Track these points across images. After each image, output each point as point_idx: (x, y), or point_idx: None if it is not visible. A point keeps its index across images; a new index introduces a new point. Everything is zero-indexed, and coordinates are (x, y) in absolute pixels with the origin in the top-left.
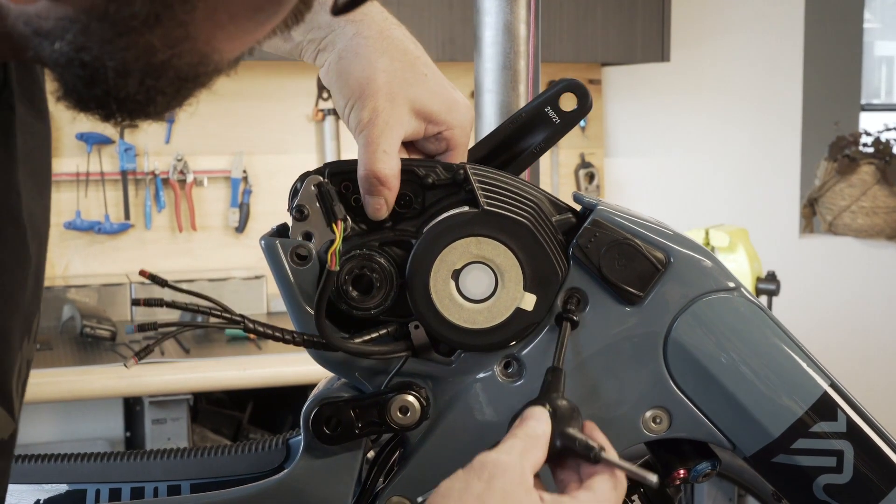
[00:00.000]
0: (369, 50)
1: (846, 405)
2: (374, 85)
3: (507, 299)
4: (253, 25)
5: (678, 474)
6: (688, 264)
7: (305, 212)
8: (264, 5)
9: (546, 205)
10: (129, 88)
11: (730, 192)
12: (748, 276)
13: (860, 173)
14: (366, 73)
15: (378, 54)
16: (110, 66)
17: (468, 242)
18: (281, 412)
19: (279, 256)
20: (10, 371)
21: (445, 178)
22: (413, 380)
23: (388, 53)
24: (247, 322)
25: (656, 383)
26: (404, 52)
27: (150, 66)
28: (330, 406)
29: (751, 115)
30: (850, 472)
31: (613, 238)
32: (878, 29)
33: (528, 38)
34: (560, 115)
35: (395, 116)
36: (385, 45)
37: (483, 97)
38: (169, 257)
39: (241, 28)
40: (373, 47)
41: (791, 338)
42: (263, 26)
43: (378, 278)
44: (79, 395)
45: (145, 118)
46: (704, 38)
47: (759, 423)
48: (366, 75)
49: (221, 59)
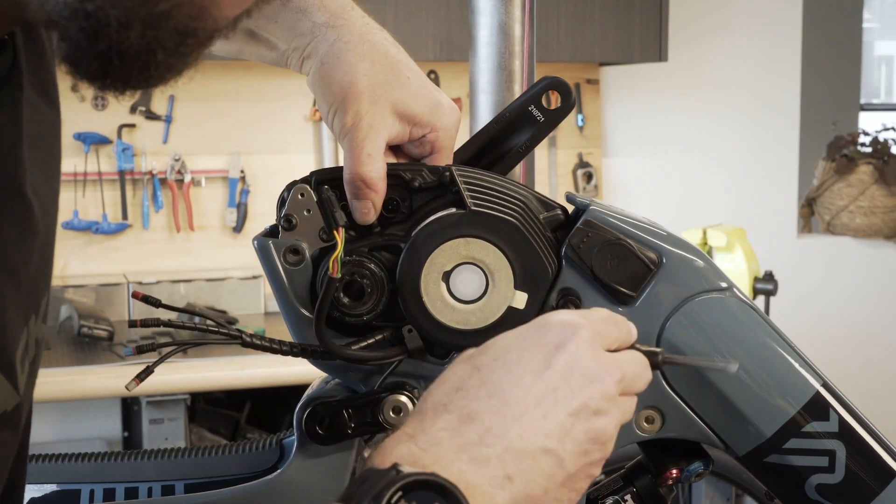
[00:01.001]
0: (350, 55)
1: (838, 405)
2: (356, 89)
3: (498, 299)
4: None
5: (671, 474)
6: (680, 264)
7: (294, 221)
8: None
9: (533, 203)
10: (131, 40)
11: (728, 191)
12: (746, 276)
13: (858, 173)
14: (347, 77)
15: (359, 58)
16: (113, 14)
17: (457, 244)
18: (278, 412)
19: (272, 257)
20: (13, 343)
21: (432, 181)
22: (406, 380)
23: (369, 57)
24: (245, 337)
25: (649, 384)
26: (385, 56)
27: (151, 16)
28: (323, 406)
29: (749, 115)
30: (843, 472)
31: (606, 238)
32: (877, 28)
33: (523, 39)
34: (544, 113)
35: (378, 119)
36: (366, 49)
37: (478, 97)
38: (166, 257)
39: None
40: (354, 52)
41: (783, 338)
42: None
43: (369, 284)
44: (76, 395)
45: (146, 80)
46: (702, 37)
47: (751, 423)
48: (347, 80)
49: (220, 14)
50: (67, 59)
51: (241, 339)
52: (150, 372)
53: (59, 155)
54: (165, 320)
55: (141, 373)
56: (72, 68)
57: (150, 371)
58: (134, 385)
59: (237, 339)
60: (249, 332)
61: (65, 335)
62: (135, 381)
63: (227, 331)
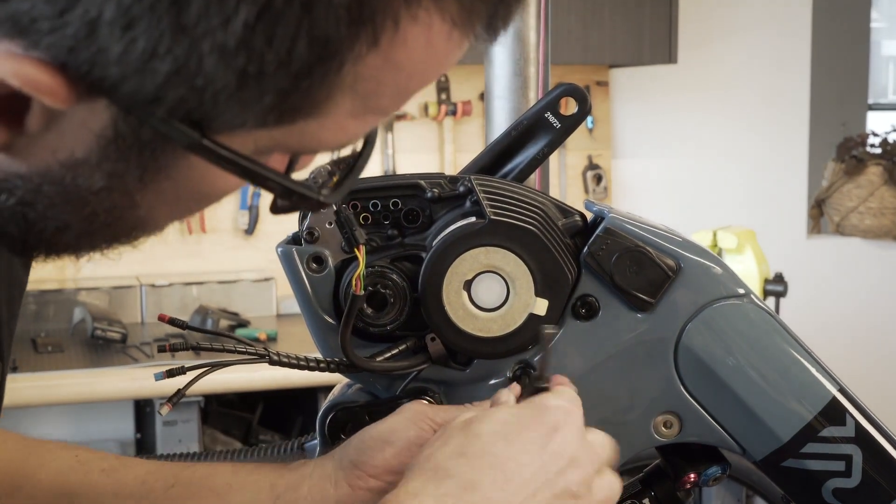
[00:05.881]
0: None
1: (854, 410)
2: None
3: (519, 306)
4: (194, 206)
5: (689, 478)
6: (698, 271)
7: (316, 234)
8: (207, 195)
9: (552, 210)
10: (64, 240)
11: (737, 193)
12: (756, 278)
13: (868, 174)
14: None
15: None
16: (51, 224)
17: (477, 253)
18: (291, 414)
19: (296, 264)
20: None
21: (451, 191)
22: (428, 385)
23: None
24: (272, 356)
25: (667, 388)
26: None
27: (90, 228)
28: (345, 411)
29: (758, 116)
30: (859, 476)
31: (625, 245)
32: (886, 28)
33: (538, 45)
34: (560, 119)
35: None
36: None
37: (493, 103)
38: (178, 259)
39: (182, 206)
40: None
41: (800, 343)
42: (202, 208)
43: (391, 294)
44: (89, 398)
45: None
46: (712, 39)
47: (768, 428)
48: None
49: (157, 226)
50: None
51: (269, 357)
52: (181, 395)
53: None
54: (195, 344)
55: (172, 396)
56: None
57: (182, 395)
58: (167, 410)
59: (264, 359)
60: (275, 351)
61: (78, 337)
62: (167, 405)
63: (255, 350)
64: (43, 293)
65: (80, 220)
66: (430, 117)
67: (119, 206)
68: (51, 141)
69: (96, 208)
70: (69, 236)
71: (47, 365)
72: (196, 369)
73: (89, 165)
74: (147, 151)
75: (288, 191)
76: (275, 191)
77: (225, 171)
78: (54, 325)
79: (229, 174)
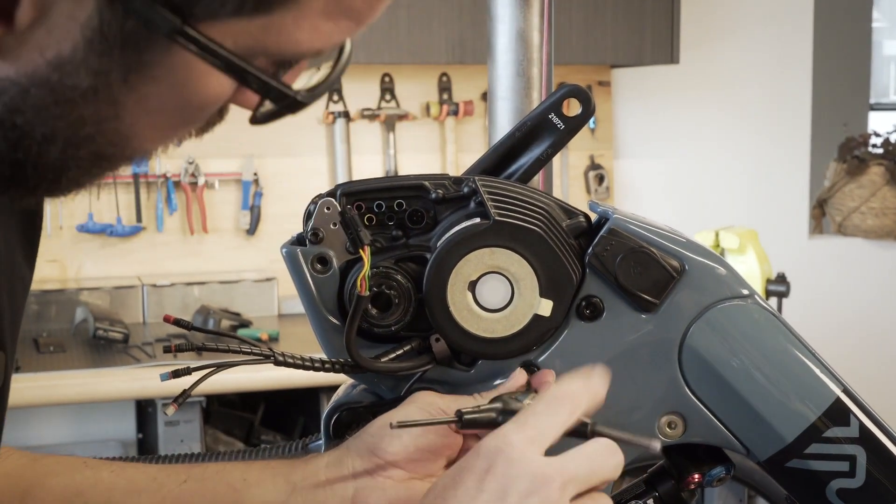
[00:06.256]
0: None
1: (859, 411)
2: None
3: (524, 307)
4: (177, 120)
5: (693, 479)
6: (702, 272)
7: (321, 234)
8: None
9: (556, 210)
10: (50, 155)
11: (739, 193)
12: (758, 278)
13: (869, 174)
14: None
15: None
16: (39, 132)
17: (482, 254)
18: (292, 414)
19: (300, 265)
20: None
21: (455, 192)
22: (432, 386)
23: None
24: (276, 356)
25: (671, 389)
26: None
27: (75, 136)
28: (350, 412)
29: (760, 117)
30: (863, 477)
31: (629, 246)
32: (887, 28)
33: (542, 46)
34: (564, 120)
35: None
36: None
37: (497, 104)
38: (180, 259)
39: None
40: None
41: (804, 344)
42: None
43: (396, 295)
44: (91, 398)
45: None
46: (713, 39)
47: (772, 429)
48: None
49: (139, 146)
50: None
51: (274, 358)
52: (187, 396)
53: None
54: (199, 345)
55: (178, 396)
56: None
57: (188, 395)
58: (173, 410)
59: (269, 359)
60: (280, 351)
61: (80, 337)
62: (173, 405)
63: (260, 350)
64: (45, 293)
65: (67, 127)
66: (431, 117)
67: (104, 116)
68: (39, 38)
69: (83, 112)
70: (55, 150)
71: (49, 365)
72: (201, 370)
73: (75, 63)
74: (131, 44)
75: (266, 86)
76: (253, 85)
77: (206, 62)
78: (56, 325)
79: (211, 76)
